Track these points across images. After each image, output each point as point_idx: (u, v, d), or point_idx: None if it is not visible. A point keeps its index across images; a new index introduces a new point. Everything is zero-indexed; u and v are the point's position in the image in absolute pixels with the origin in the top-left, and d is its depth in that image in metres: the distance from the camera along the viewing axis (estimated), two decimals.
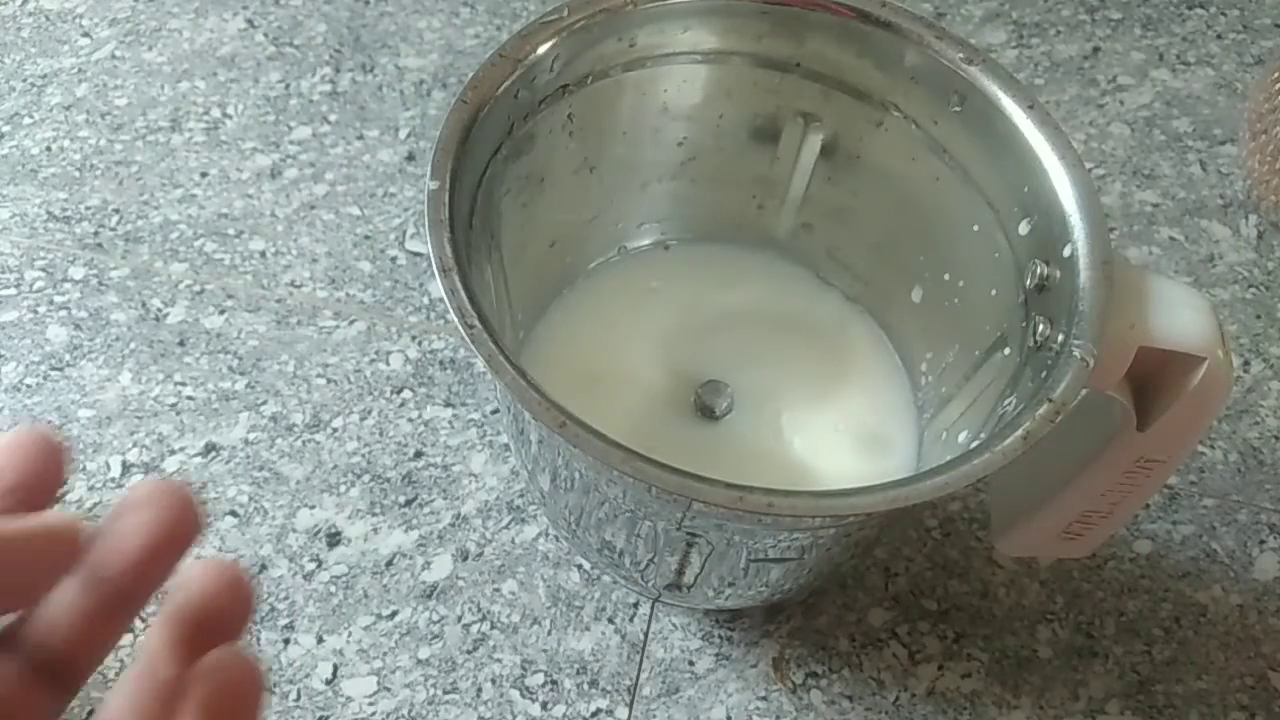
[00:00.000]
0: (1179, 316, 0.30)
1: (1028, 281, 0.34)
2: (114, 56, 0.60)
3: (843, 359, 0.44)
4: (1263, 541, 0.46)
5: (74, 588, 0.19)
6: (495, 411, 0.48)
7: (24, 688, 0.18)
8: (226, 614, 0.20)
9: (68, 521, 0.18)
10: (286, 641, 0.42)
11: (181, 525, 0.19)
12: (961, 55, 0.35)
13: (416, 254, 0.53)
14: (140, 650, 0.20)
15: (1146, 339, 0.30)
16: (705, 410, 0.41)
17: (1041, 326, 0.33)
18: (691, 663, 0.42)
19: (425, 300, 0.51)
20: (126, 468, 0.46)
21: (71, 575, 0.19)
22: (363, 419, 0.47)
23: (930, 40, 0.36)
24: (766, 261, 0.45)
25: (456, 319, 0.29)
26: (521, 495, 0.46)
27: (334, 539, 0.44)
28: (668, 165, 0.43)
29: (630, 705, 0.41)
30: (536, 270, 0.42)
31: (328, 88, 0.59)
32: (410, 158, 0.56)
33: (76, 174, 0.55)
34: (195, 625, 0.19)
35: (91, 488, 0.45)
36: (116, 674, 0.21)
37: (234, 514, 0.45)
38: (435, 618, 0.43)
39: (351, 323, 0.50)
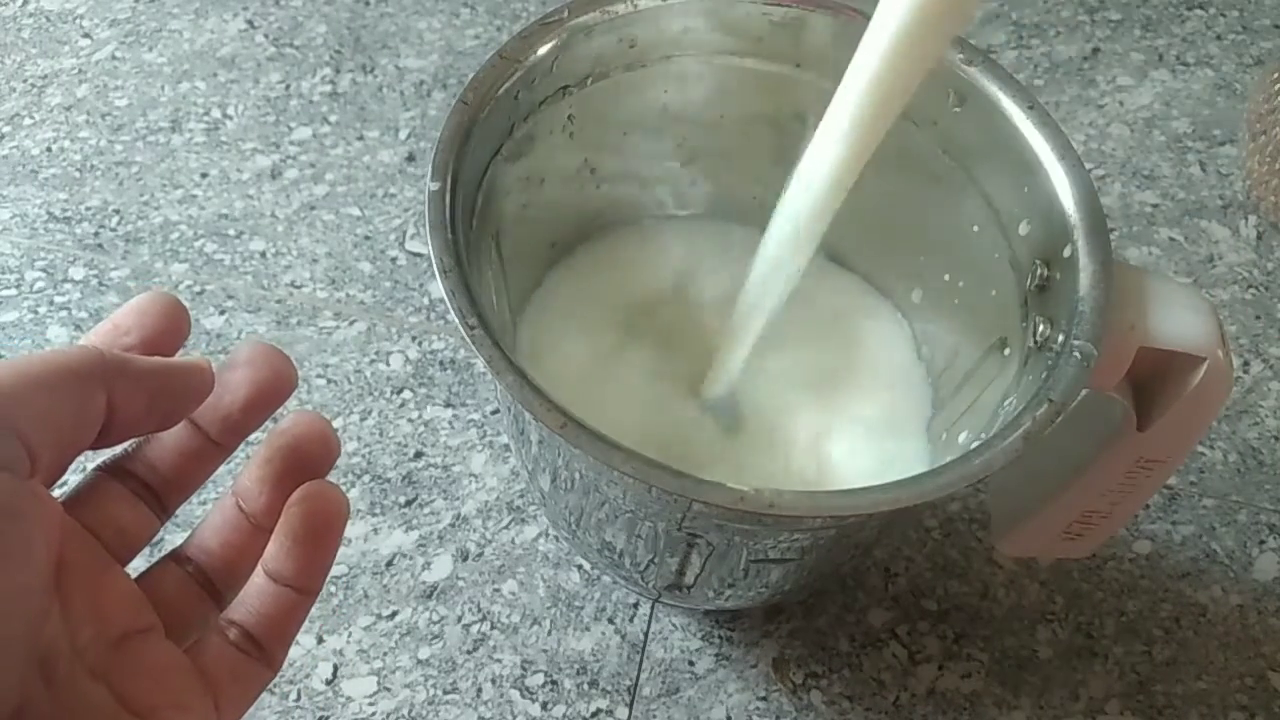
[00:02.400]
0: (1179, 317, 0.30)
1: (1028, 282, 0.34)
2: (114, 57, 0.60)
3: (848, 358, 0.44)
4: (1262, 542, 0.46)
5: (180, 427, 0.22)
6: (495, 412, 0.48)
7: (132, 508, 0.22)
8: (312, 457, 0.22)
9: (204, 361, 0.21)
10: None
11: (277, 384, 0.22)
12: (961, 56, 0.35)
13: (416, 254, 0.53)
14: (234, 486, 0.23)
15: (1146, 339, 0.30)
16: (707, 410, 0.41)
17: (1041, 326, 0.33)
18: (691, 663, 0.42)
19: (425, 301, 0.51)
20: None
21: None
22: (363, 419, 0.47)
23: None
24: None
25: (457, 320, 0.29)
26: (521, 495, 0.46)
27: None
28: (668, 166, 0.43)
29: (630, 705, 0.41)
30: (536, 271, 0.42)
31: (328, 88, 0.59)
32: (410, 158, 0.56)
33: (77, 174, 0.55)
34: (284, 465, 0.22)
35: None
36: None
37: None
38: (435, 618, 0.43)
39: (351, 323, 0.50)
